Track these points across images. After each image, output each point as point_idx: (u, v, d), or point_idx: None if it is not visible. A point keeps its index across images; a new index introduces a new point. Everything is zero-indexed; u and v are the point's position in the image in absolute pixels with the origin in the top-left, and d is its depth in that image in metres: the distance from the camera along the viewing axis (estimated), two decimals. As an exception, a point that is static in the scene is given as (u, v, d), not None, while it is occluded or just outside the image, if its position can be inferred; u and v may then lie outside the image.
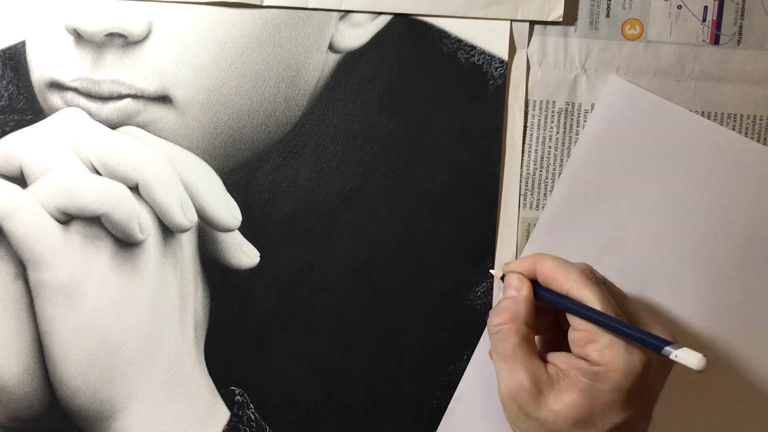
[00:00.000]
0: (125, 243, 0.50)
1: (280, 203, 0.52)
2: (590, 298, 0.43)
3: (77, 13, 0.50)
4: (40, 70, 0.51)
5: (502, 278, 0.48)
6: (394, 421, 0.53)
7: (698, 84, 0.53)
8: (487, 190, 0.52)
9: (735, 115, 0.53)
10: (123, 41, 0.50)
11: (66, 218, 0.49)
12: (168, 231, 0.51)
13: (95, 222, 0.50)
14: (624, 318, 0.43)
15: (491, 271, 0.51)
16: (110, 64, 0.50)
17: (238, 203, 0.52)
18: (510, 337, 0.45)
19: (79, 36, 0.50)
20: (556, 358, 0.45)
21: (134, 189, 0.50)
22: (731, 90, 0.53)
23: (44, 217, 0.49)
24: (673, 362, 0.41)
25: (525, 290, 0.46)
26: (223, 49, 0.51)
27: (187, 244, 0.52)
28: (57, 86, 0.51)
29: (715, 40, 0.52)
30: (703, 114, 0.53)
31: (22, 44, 0.51)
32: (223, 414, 0.52)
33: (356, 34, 0.51)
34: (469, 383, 0.53)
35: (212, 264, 0.52)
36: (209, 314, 0.53)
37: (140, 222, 0.50)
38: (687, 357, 0.40)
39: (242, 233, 0.52)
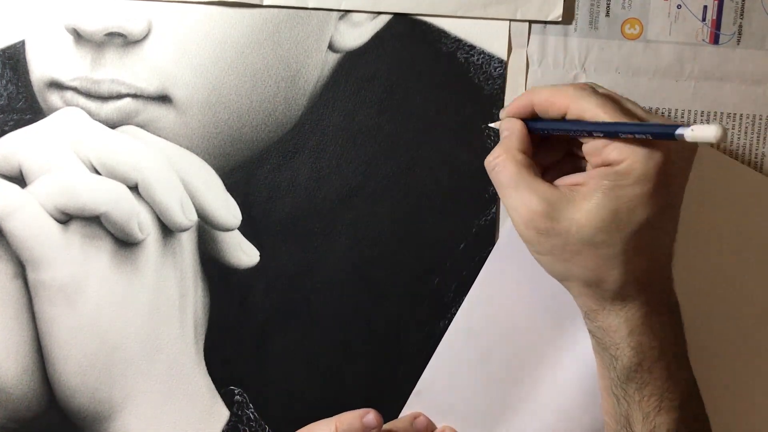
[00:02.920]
0: (125, 242, 0.50)
1: (279, 203, 0.52)
2: (589, 107, 0.42)
3: (77, 12, 0.50)
4: (39, 70, 0.51)
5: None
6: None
7: (698, 84, 0.53)
8: (486, 189, 0.52)
9: (734, 114, 0.53)
10: (122, 41, 0.50)
11: (65, 218, 0.49)
12: (168, 230, 0.51)
13: (95, 221, 0.50)
14: (626, 119, 0.42)
15: (491, 125, 0.51)
16: (110, 64, 0.50)
17: (237, 203, 0.52)
18: (507, 167, 0.44)
19: (78, 35, 0.50)
20: (570, 178, 0.44)
21: (134, 188, 0.50)
22: (731, 90, 0.53)
23: (44, 216, 0.49)
24: (692, 150, 0.41)
25: (516, 125, 0.46)
26: (223, 49, 0.51)
27: (187, 243, 0.52)
28: (56, 86, 0.51)
29: (715, 40, 0.52)
30: (702, 114, 0.53)
31: (22, 44, 0.51)
32: (223, 414, 0.52)
33: (356, 34, 0.51)
34: (431, 378, 0.52)
35: (212, 263, 0.52)
36: (209, 314, 0.53)
37: (140, 221, 0.50)
38: (703, 131, 0.38)
39: (242, 233, 0.52)
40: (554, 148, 0.47)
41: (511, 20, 0.52)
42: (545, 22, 0.52)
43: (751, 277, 0.53)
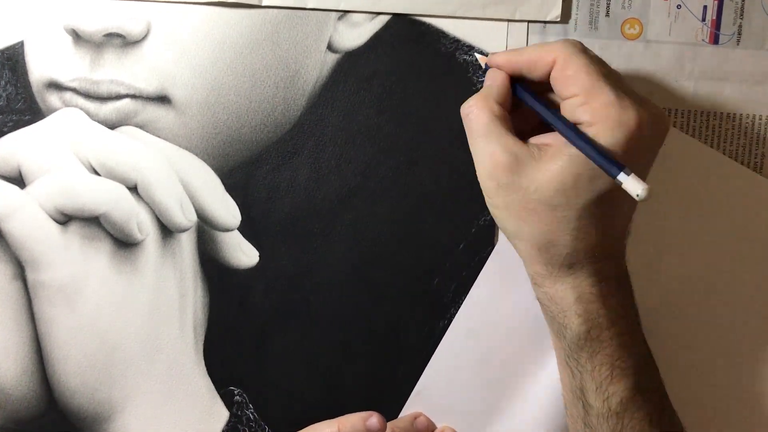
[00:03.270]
0: (124, 243, 0.50)
1: (279, 203, 0.52)
2: (576, 64, 0.42)
3: (76, 13, 0.50)
4: (38, 71, 0.51)
5: (485, 67, 0.48)
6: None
7: (698, 84, 0.52)
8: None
9: (734, 114, 0.53)
10: (121, 41, 0.50)
11: (65, 218, 0.50)
12: (167, 231, 0.51)
13: (94, 222, 0.50)
14: (614, 84, 0.42)
15: (476, 54, 0.51)
16: (109, 64, 0.50)
17: (237, 203, 0.52)
18: (480, 116, 0.44)
19: (77, 36, 0.50)
20: (541, 138, 0.44)
21: (133, 189, 0.50)
22: (731, 90, 0.52)
23: (43, 217, 0.49)
24: (664, 127, 0.43)
25: (499, 76, 0.46)
26: (222, 49, 0.51)
27: (186, 244, 0.52)
28: (55, 86, 0.51)
29: (715, 40, 0.52)
30: (702, 114, 0.53)
31: (21, 44, 0.51)
32: (222, 414, 0.52)
33: (355, 34, 0.51)
34: (430, 379, 0.52)
35: (211, 264, 0.52)
36: (208, 314, 0.53)
37: (139, 222, 0.50)
38: (632, 185, 0.39)
39: (241, 233, 0.52)
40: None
41: (509, 20, 0.52)
42: (544, 22, 0.52)
43: (750, 278, 0.53)
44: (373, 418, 0.49)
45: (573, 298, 0.43)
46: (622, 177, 0.40)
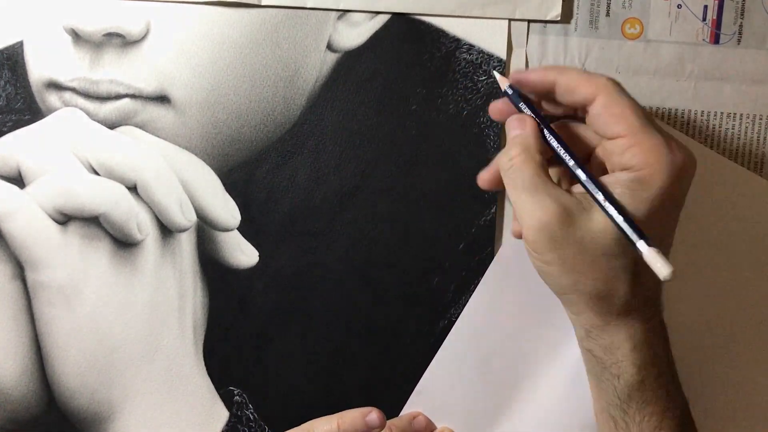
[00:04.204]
0: (124, 243, 0.50)
1: (278, 203, 0.52)
2: (621, 104, 0.41)
3: (75, 13, 0.50)
4: (38, 70, 0.51)
5: (506, 91, 0.46)
6: (394, 421, 0.53)
7: (698, 83, 0.52)
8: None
9: (735, 114, 0.53)
10: (121, 41, 0.50)
11: (64, 219, 0.49)
12: (167, 231, 0.51)
13: (94, 222, 0.50)
14: (657, 126, 0.41)
15: (495, 74, 0.48)
16: (108, 64, 0.50)
17: (236, 203, 0.52)
18: (526, 167, 0.42)
19: (77, 36, 0.50)
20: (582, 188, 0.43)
21: (133, 189, 0.50)
22: (731, 89, 0.52)
23: (42, 217, 0.49)
24: (693, 174, 0.41)
25: (529, 124, 0.44)
26: (221, 49, 0.51)
27: (186, 244, 0.52)
28: (55, 86, 0.51)
29: (715, 40, 0.52)
30: (702, 113, 0.53)
31: (20, 44, 0.51)
32: (222, 414, 0.52)
33: (354, 34, 0.51)
34: (431, 379, 0.52)
35: (211, 264, 0.52)
36: (208, 314, 0.53)
37: (139, 222, 0.50)
38: (656, 262, 0.39)
39: (241, 233, 0.52)
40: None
41: (510, 19, 0.52)
42: (544, 22, 0.52)
43: (749, 279, 0.53)
44: (373, 414, 0.48)
45: (629, 347, 0.42)
46: (645, 250, 0.39)
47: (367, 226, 0.52)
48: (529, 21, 0.52)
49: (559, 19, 0.52)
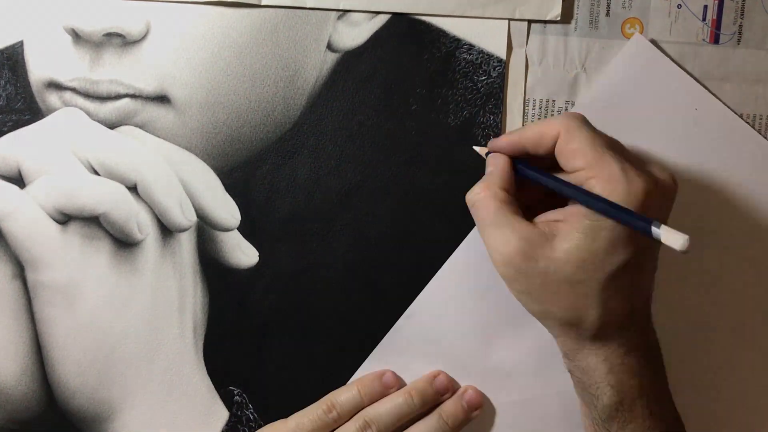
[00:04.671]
0: (124, 243, 0.50)
1: (278, 203, 0.52)
2: (579, 138, 0.42)
3: (75, 13, 0.50)
4: (38, 70, 0.51)
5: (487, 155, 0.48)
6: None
7: (697, 84, 0.52)
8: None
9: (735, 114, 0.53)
10: (121, 41, 0.50)
11: (64, 218, 0.49)
12: (167, 231, 0.51)
13: (94, 222, 0.50)
14: (619, 155, 0.42)
15: (475, 148, 0.50)
16: (108, 64, 0.50)
17: (236, 203, 0.52)
18: (488, 204, 0.44)
19: (77, 36, 0.50)
20: (550, 215, 0.44)
21: (133, 189, 0.50)
22: (731, 89, 0.52)
23: (42, 217, 0.49)
24: (673, 190, 0.43)
25: (501, 161, 0.46)
26: (221, 49, 0.51)
27: (186, 243, 0.52)
28: (55, 86, 0.51)
29: (715, 39, 0.52)
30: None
31: (20, 44, 0.51)
32: (222, 414, 0.52)
33: (354, 34, 0.51)
34: (423, 304, 0.52)
35: (211, 264, 0.52)
36: (208, 314, 0.53)
37: (139, 222, 0.50)
38: (671, 236, 0.39)
39: (241, 233, 0.52)
40: (537, 184, 0.46)
41: (510, 19, 0.52)
42: (544, 22, 0.52)
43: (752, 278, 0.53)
44: (388, 374, 0.51)
45: (605, 370, 0.43)
46: (656, 231, 0.40)
47: (367, 226, 0.52)
48: (529, 21, 0.52)
49: (559, 19, 0.52)
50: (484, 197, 0.44)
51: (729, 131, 0.52)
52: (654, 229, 0.40)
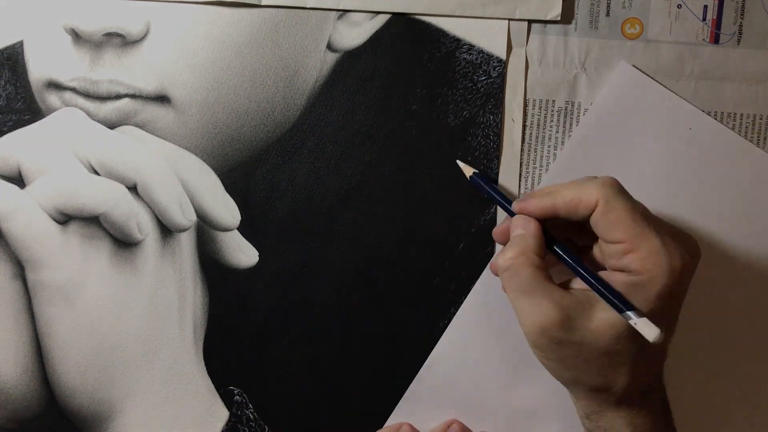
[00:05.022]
0: (124, 243, 0.50)
1: (278, 203, 0.52)
2: (618, 209, 0.42)
3: (75, 12, 0.50)
4: (38, 70, 0.51)
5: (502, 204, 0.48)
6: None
7: (698, 83, 0.52)
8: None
9: (734, 114, 0.53)
10: (121, 41, 0.50)
11: (64, 218, 0.49)
12: (167, 231, 0.51)
13: (94, 222, 0.50)
14: (657, 228, 0.42)
15: (459, 163, 0.50)
16: (108, 64, 0.50)
17: (236, 203, 0.52)
18: (524, 270, 0.43)
19: (77, 36, 0.50)
20: (582, 282, 0.43)
21: (133, 189, 0.50)
22: (731, 89, 0.52)
23: (42, 217, 0.49)
24: (698, 260, 0.42)
25: (532, 226, 0.44)
26: (221, 49, 0.51)
27: (186, 243, 0.52)
28: (55, 86, 0.51)
29: (715, 39, 0.52)
30: (698, 110, 0.53)
31: (20, 44, 0.51)
32: (222, 414, 0.52)
33: (354, 34, 0.51)
34: (443, 352, 0.53)
35: (211, 263, 0.52)
36: (208, 314, 0.53)
37: (139, 222, 0.50)
38: (646, 328, 0.40)
39: (241, 233, 0.52)
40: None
41: (510, 19, 0.52)
42: (544, 22, 0.52)
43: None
44: (404, 427, 0.51)
45: (629, 431, 0.43)
46: (635, 320, 0.40)
47: (367, 226, 0.52)
48: (529, 21, 0.52)
49: (559, 19, 0.52)
50: (518, 264, 0.43)
51: (725, 146, 0.52)
52: (634, 319, 0.40)
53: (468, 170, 0.49)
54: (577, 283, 0.44)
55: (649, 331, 0.40)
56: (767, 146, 0.53)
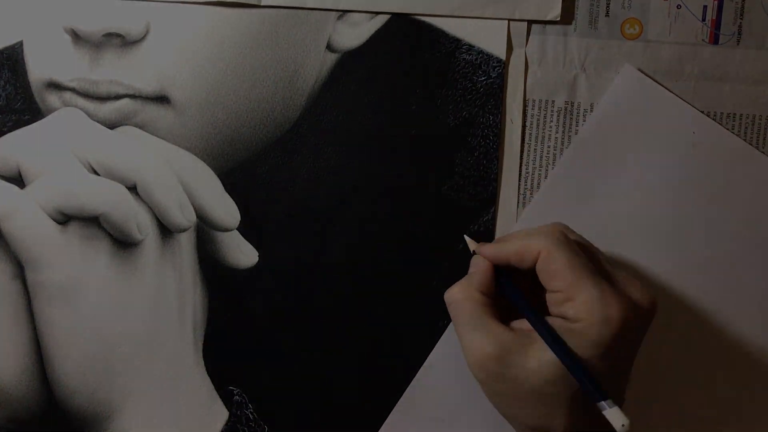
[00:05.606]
0: (124, 243, 0.50)
1: (278, 203, 0.52)
2: (559, 260, 0.43)
3: (75, 13, 0.50)
4: (37, 70, 0.51)
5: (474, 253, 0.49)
6: (393, 421, 0.53)
7: (697, 83, 0.52)
8: (486, 190, 0.52)
9: (734, 114, 0.53)
10: (121, 41, 0.50)
11: (64, 219, 0.49)
12: (166, 231, 0.51)
13: (93, 222, 0.50)
14: (598, 277, 0.43)
15: (465, 237, 0.51)
16: (108, 64, 0.50)
17: (236, 203, 0.52)
18: (466, 305, 0.45)
19: (76, 36, 0.50)
20: (526, 323, 0.45)
21: (132, 189, 0.50)
22: (731, 90, 0.52)
23: (42, 217, 0.49)
24: (649, 318, 0.43)
25: (482, 266, 0.47)
26: (221, 49, 0.51)
27: (186, 244, 0.52)
28: (55, 86, 0.51)
29: (715, 40, 0.52)
30: (701, 113, 0.53)
31: (20, 44, 0.51)
32: (222, 414, 0.52)
33: (354, 34, 0.51)
34: (442, 352, 0.53)
35: (211, 264, 0.52)
36: (208, 314, 0.53)
37: (139, 222, 0.50)
38: (613, 417, 0.41)
39: (241, 233, 0.52)
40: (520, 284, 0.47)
41: (509, 20, 0.52)
42: (544, 22, 0.52)
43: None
44: None
45: None
46: (607, 409, 0.41)
47: (367, 226, 0.52)
48: (529, 21, 0.52)
49: (558, 19, 0.52)
50: (461, 298, 0.46)
51: (728, 151, 0.52)
52: (603, 403, 0.41)
53: (472, 245, 0.50)
54: (521, 323, 0.45)
55: (616, 418, 0.41)
56: (767, 146, 0.53)
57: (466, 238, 0.50)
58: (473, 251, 0.49)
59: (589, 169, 0.52)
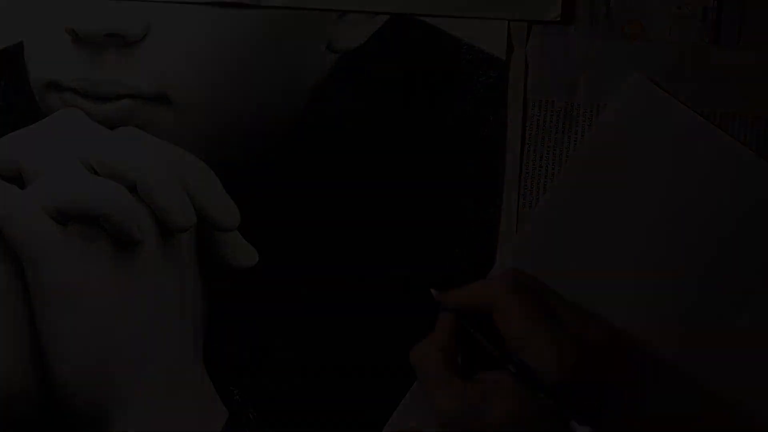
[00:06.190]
0: (124, 244, 0.50)
1: (278, 203, 0.52)
2: (510, 310, 0.45)
3: (75, 13, 0.50)
4: (38, 71, 0.51)
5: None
6: (394, 421, 0.53)
7: (697, 84, 0.52)
8: (486, 189, 0.52)
9: (734, 114, 0.53)
10: (121, 41, 0.50)
11: (64, 219, 0.49)
12: (167, 231, 0.51)
13: (94, 222, 0.50)
14: (550, 323, 0.45)
15: (431, 290, 0.51)
16: (108, 65, 0.50)
17: (236, 203, 0.52)
18: (428, 365, 0.47)
19: (77, 36, 0.50)
20: (489, 374, 0.46)
21: (133, 189, 0.50)
22: (731, 89, 0.52)
23: (42, 217, 0.49)
24: (613, 352, 0.45)
25: (445, 324, 0.49)
26: (221, 49, 0.51)
27: (186, 244, 0.51)
28: (55, 86, 0.51)
29: (715, 40, 0.52)
30: (702, 114, 0.53)
31: (20, 44, 0.51)
32: (222, 414, 0.52)
33: (354, 34, 0.51)
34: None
35: (211, 264, 0.52)
36: (208, 314, 0.53)
37: (139, 223, 0.49)
38: None
39: (241, 233, 0.52)
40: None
41: (510, 20, 0.52)
42: (544, 22, 0.52)
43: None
44: None
45: None
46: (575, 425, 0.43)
47: (368, 227, 0.52)
48: (529, 21, 0.52)
49: (559, 19, 0.52)
50: (424, 358, 0.47)
51: (731, 158, 0.52)
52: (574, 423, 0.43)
53: (437, 295, 0.51)
54: (489, 374, 0.46)
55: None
56: (767, 146, 0.53)
57: (432, 291, 0.51)
58: (439, 300, 0.50)
59: (592, 182, 0.52)
